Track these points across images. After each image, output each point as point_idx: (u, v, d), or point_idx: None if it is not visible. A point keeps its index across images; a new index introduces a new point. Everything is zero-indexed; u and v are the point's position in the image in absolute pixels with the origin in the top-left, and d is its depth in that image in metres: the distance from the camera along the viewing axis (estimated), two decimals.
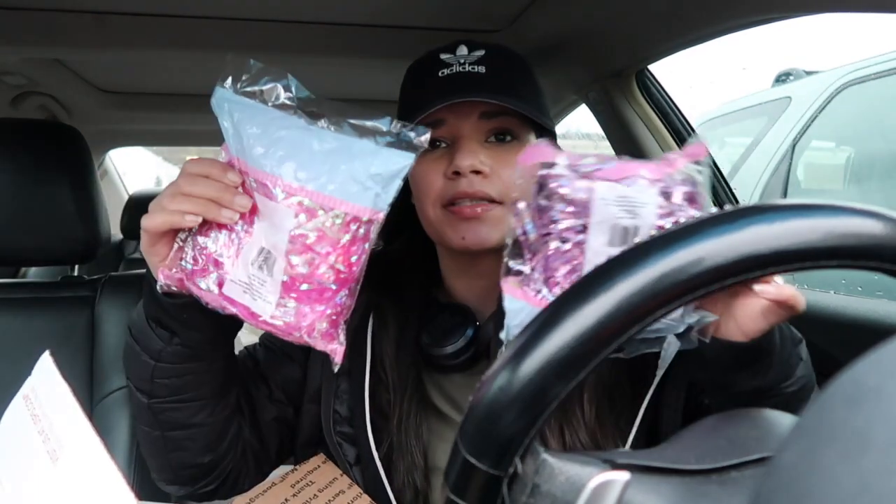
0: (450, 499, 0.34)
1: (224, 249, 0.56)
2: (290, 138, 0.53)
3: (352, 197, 0.52)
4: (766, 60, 5.31)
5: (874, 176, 2.21)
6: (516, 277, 0.53)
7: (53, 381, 0.54)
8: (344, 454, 0.76)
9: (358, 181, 0.52)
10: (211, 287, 0.56)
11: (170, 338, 0.64)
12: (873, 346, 0.23)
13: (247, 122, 0.54)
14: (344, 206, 0.52)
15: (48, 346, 0.60)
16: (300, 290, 0.54)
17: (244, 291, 0.55)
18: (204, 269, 0.56)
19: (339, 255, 0.53)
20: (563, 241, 0.52)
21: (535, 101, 0.74)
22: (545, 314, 0.33)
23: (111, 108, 1.83)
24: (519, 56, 0.78)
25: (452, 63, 0.72)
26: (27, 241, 1.06)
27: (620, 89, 1.34)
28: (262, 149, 0.53)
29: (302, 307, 0.55)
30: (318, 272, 0.53)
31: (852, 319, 1.05)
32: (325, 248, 0.53)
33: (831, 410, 0.22)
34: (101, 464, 0.47)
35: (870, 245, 0.31)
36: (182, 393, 0.67)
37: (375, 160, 0.52)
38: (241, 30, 1.23)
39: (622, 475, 0.32)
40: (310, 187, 0.52)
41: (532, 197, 0.53)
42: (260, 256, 0.54)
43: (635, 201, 0.50)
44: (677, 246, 0.32)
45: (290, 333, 0.56)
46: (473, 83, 0.71)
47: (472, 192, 0.69)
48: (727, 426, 0.39)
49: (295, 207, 0.52)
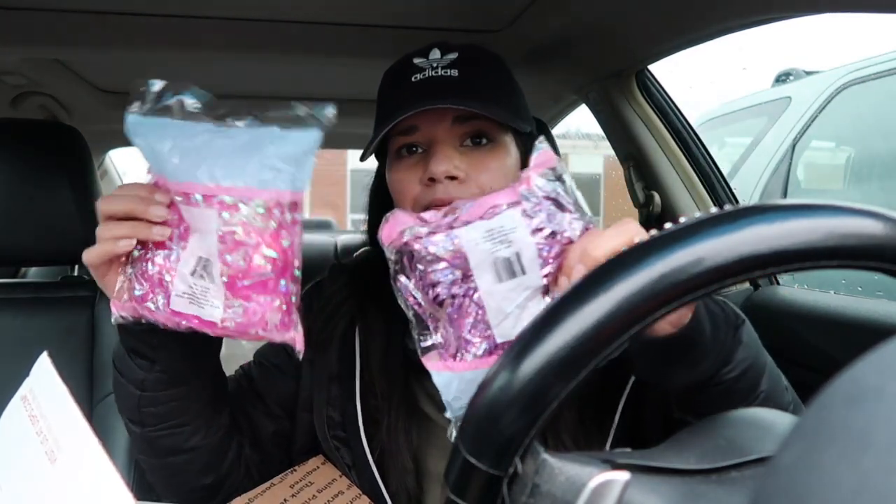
0: (450, 499, 0.34)
1: (165, 268, 0.57)
2: (199, 143, 0.53)
3: (268, 183, 0.52)
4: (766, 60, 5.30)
5: (874, 176, 2.21)
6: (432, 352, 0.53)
7: (52, 382, 0.54)
8: (342, 457, 0.76)
9: (271, 167, 0.52)
10: (159, 306, 0.57)
11: (150, 366, 0.66)
12: (873, 346, 0.23)
13: (158, 140, 0.55)
14: (262, 193, 0.53)
15: (48, 346, 0.60)
16: (243, 287, 0.54)
17: (190, 302, 0.56)
18: (150, 291, 0.57)
19: (269, 242, 0.54)
20: (454, 297, 0.52)
21: (508, 102, 0.74)
22: (545, 314, 0.33)
23: (111, 108, 1.83)
24: (494, 57, 0.77)
25: (425, 67, 0.72)
26: (27, 241, 1.06)
27: (620, 89, 1.34)
28: (176, 160, 0.54)
29: (248, 304, 0.55)
30: (255, 264, 0.54)
31: (852, 319, 1.05)
32: (254, 239, 0.53)
33: (831, 410, 0.22)
34: (99, 464, 0.47)
35: (870, 245, 0.31)
36: (171, 419, 0.68)
37: (284, 143, 0.53)
38: (241, 30, 1.23)
39: (622, 475, 0.32)
40: (226, 184, 0.53)
41: (410, 269, 0.53)
42: (199, 265, 0.55)
43: (504, 230, 0.51)
44: (677, 246, 0.32)
45: (245, 332, 0.56)
46: (445, 88, 0.70)
47: (447, 199, 0.67)
48: (727, 426, 0.39)
49: (217, 207, 0.53)
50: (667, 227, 0.33)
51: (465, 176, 0.69)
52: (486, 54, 0.76)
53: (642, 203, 1.41)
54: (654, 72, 1.35)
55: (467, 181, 0.69)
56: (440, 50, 0.73)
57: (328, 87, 1.75)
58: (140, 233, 0.56)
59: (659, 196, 1.39)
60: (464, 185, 0.68)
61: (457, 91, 0.69)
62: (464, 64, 0.71)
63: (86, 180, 1.08)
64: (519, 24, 1.21)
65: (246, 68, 1.58)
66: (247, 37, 1.25)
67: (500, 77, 0.75)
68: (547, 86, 1.51)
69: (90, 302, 1.12)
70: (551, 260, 0.52)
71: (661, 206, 1.38)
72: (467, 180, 0.69)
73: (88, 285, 1.15)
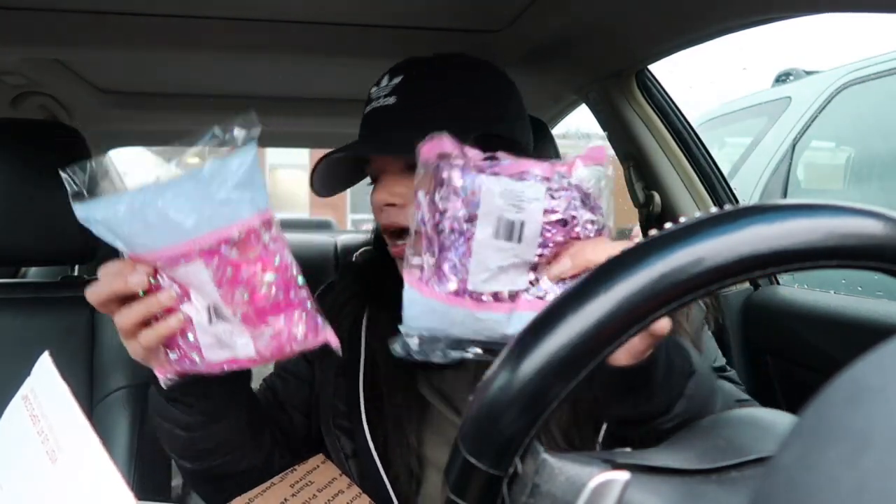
0: (450, 499, 0.34)
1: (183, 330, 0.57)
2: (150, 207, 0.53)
3: (231, 218, 0.52)
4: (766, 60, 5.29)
5: (874, 176, 2.21)
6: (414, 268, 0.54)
7: (52, 382, 0.54)
8: (341, 446, 0.78)
9: (226, 202, 0.52)
10: (197, 361, 0.58)
11: (191, 409, 0.67)
12: (873, 346, 0.23)
13: (113, 220, 0.55)
14: (232, 229, 0.52)
15: (48, 346, 0.60)
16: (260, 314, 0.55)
17: (221, 348, 0.57)
18: (183, 354, 0.58)
19: (263, 268, 0.54)
20: (452, 231, 0.53)
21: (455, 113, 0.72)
22: (545, 314, 0.33)
23: (111, 108, 1.83)
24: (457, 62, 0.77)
25: (374, 97, 0.75)
26: (27, 241, 1.06)
27: (620, 89, 1.34)
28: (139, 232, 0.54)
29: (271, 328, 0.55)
30: (259, 294, 0.54)
31: (852, 319, 1.05)
32: (248, 272, 0.53)
33: (831, 410, 0.22)
34: (100, 464, 0.47)
35: (870, 245, 0.31)
36: (222, 450, 0.71)
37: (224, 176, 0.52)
38: (241, 30, 1.23)
39: (622, 475, 0.32)
40: (197, 235, 0.52)
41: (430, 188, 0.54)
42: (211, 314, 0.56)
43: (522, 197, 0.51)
44: (677, 246, 0.32)
45: (282, 352, 0.57)
46: (382, 119, 0.73)
47: (388, 225, 0.73)
48: (727, 426, 0.39)
49: (199, 259, 0.53)
50: (667, 227, 0.33)
51: (403, 201, 0.71)
52: (431, 70, 0.76)
53: (642, 203, 1.42)
54: (654, 72, 1.35)
55: (408, 205, 0.70)
56: (389, 75, 0.75)
57: (328, 87, 1.75)
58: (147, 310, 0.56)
59: (659, 196, 1.39)
60: (403, 211, 0.71)
61: (388, 123, 0.73)
62: (403, 88, 0.73)
63: None
64: (519, 24, 1.21)
65: (246, 68, 1.58)
66: (247, 37, 1.25)
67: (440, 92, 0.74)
68: (547, 86, 1.51)
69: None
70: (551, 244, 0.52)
71: (661, 206, 1.38)
72: (408, 204, 0.70)
73: (88, 285, 1.15)
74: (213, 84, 1.76)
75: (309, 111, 1.91)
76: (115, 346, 1.08)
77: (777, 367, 1.24)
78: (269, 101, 1.87)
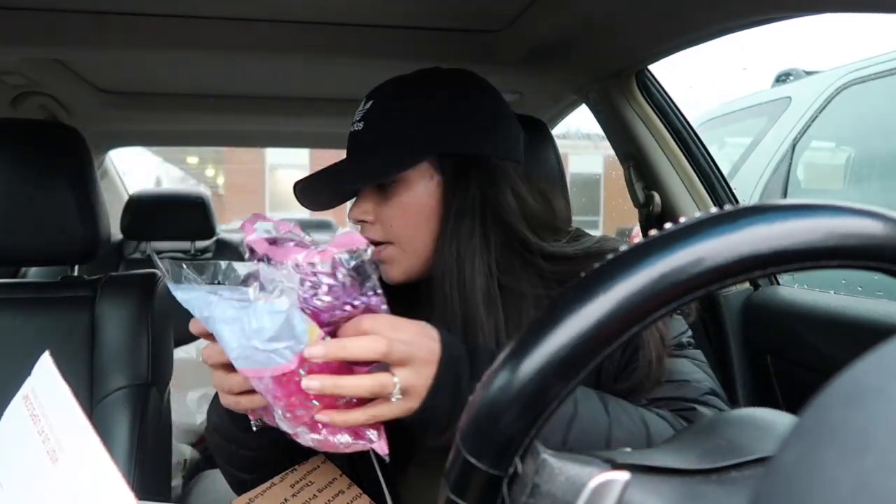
0: (450, 499, 0.34)
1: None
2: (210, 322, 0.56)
3: (268, 363, 0.54)
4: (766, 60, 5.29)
5: (874, 176, 2.21)
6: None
7: (53, 382, 0.54)
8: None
9: (264, 351, 0.54)
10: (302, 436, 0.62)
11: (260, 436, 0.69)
12: (873, 346, 0.23)
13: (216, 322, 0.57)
14: (268, 371, 0.55)
15: (48, 346, 0.60)
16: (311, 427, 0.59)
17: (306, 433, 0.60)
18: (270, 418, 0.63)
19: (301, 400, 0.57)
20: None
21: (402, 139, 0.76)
22: (545, 314, 0.33)
23: (111, 108, 1.83)
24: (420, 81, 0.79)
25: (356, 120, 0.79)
26: (27, 241, 1.06)
27: (620, 89, 1.34)
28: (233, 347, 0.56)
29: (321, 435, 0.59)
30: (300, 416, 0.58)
31: (852, 319, 1.05)
32: (287, 403, 0.57)
33: (831, 410, 0.22)
34: (101, 464, 0.47)
35: (870, 245, 0.31)
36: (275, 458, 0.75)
37: (262, 327, 0.53)
38: (241, 30, 1.23)
39: (622, 475, 0.32)
40: (240, 367, 0.56)
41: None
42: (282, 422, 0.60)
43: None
44: (677, 246, 0.32)
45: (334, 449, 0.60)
46: (352, 145, 0.79)
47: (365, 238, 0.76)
48: (727, 426, 0.39)
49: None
50: (667, 227, 0.33)
51: (373, 218, 0.77)
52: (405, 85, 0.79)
53: (642, 203, 1.42)
54: (654, 72, 1.35)
55: (375, 222, 0.77)
56: (366, 99, 0.79)
57: (328, 87, 1.75)
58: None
59: (659, 196, 1.39)
60: (372, 227, 0.78)
61: (354, 148, 0.79)
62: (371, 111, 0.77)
63: (86, 180, 1.08)
64: (519, 24, 1.21)
65: (246, 68, 1.58)
66: (247, 37, 1.25)
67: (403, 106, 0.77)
68: (547, 86, 1.51)
69: (90, 302, 1.12)
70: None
71: (661, 206, 1.38)
72: (375, 220, 0.77)
73: (88, 285, 1.15)
74: (213, 84, 1.76)
75: (309, 111, 1.91)
76: (115, 346, 1.08)
77: (777, 367, 1.24)
78: (269, 101, 1.87)
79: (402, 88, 0.79)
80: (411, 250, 0.77)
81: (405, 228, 0.76)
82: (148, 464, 1.07)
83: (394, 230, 0.76)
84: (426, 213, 0.76)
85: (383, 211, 0.77)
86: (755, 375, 1.29)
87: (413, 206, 0.76)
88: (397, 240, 0.77)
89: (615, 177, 1.64)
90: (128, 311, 1.10)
